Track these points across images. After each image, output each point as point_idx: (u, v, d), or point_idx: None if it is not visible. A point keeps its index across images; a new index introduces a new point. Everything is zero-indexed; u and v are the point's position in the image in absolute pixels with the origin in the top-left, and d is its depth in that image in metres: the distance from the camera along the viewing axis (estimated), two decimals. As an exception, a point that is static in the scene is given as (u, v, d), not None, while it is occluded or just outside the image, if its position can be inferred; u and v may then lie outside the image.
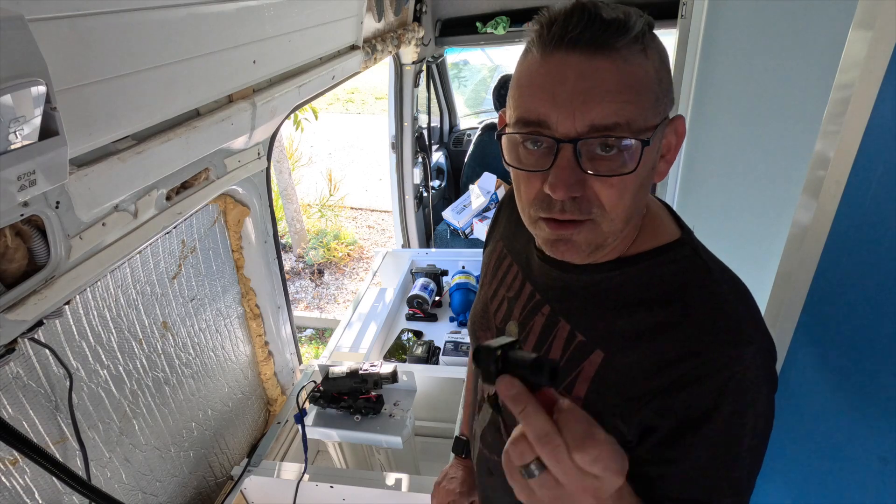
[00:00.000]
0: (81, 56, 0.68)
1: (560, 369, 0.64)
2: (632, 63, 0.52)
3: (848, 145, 0.61)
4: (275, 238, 1.62)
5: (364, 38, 1.72)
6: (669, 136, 0.59)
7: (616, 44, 0.51)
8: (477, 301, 0.87)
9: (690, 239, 0.66)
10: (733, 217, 1.60)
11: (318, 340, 4.29)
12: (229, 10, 0.94)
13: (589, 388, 0.63)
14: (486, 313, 0.82)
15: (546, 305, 0.70)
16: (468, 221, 3.41)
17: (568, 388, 0.64)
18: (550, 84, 0.53)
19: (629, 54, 0.52)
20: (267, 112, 1.19)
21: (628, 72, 0.52)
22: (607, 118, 0.51)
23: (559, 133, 0.53)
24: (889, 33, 0.53)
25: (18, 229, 0.75)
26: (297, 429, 1.68)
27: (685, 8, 1.58)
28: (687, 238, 0.65)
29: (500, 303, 0.79)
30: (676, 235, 0.65)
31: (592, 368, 0.63)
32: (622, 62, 0.51)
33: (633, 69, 0.52)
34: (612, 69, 0.51)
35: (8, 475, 0.88)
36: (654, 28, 0.55)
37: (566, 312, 0.68)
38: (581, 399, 0.63)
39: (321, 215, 5.63)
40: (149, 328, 1.21)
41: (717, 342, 0.57)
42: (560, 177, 0.53)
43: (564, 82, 0.52)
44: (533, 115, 0.54)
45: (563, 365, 0.65)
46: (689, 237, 0.66)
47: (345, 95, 10.00)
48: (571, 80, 0.51)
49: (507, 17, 2.65)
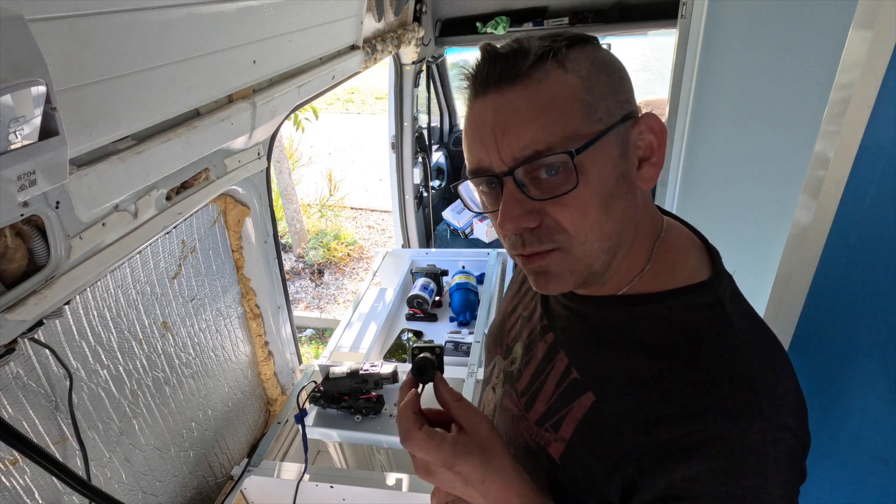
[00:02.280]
0: (81, 56, 0.68)
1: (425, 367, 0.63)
2: (545, 82, 0.52)
3: (848, 145, 0.61)
4: (275, 238, 1.62)
5: (364, 38, 1.72)
6: (645, 136, 0.56)
7: (520, 70, 0.52)
8: (497, 314, 0.86)
9: (717, 284, 0.58)
10: (733, 217, 1.60)
11: (318, 340, 4.29)
12: (229, 10, 0.94)
13: (574, 431, 0.59)
14: (502, 329, 0.80)
15: (550, 333, 0.68)
16: (468, 221, 3.41)
17: (555, 427, 0.61)
18: (478, 128, 0.54)
19: (541, 74, 0.52)
20: (267, 112, 1.19)
21: (541, 91, 0.51)
22: (526, 147, 0.51)
23: (496, 170, 0.54)
24: (889, 33, 0.53)
25: (18, 229, 0.75)
26: (297, 429, 1.68)
27: (685, 8, 1.58)
28: (713, 283, 0.58)
29: (516, 321, 0.77)
30: (700, 277, 0.58)
31: (581, 411, 0.59)
32: (534, 84, 0.51)
33: (546, 87, 0.51)
34: (522, 95, 0.52)
35: (8, 475, 0.88)
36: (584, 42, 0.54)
37: (567, 345, 0.65)
38: (565, 441, 0.59)
39: (321, 215, 5.63)
40: (149, 328, 1.21)
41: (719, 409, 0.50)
42: (506, 211, 0.53)
43: (485, 122, 0.53)
44: (473, 162, 0.56)
45: (556, 400, 0.62)
46: (716, 281, 0.58)
47: (345, 95, 10.01)
48: (490, 117, 0.53)
49: (507, 17, 2.65)
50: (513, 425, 0.67)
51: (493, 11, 2.68)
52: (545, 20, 2.62)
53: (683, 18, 1.59)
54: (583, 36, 0.55)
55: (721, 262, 0.62)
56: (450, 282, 2.28)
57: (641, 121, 0.56)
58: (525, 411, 0.66)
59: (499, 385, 0.76)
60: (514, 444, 0.66)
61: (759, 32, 1.36)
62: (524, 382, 0.68)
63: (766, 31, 1.33)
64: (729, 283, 0.59)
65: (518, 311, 0.78)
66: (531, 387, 0.66)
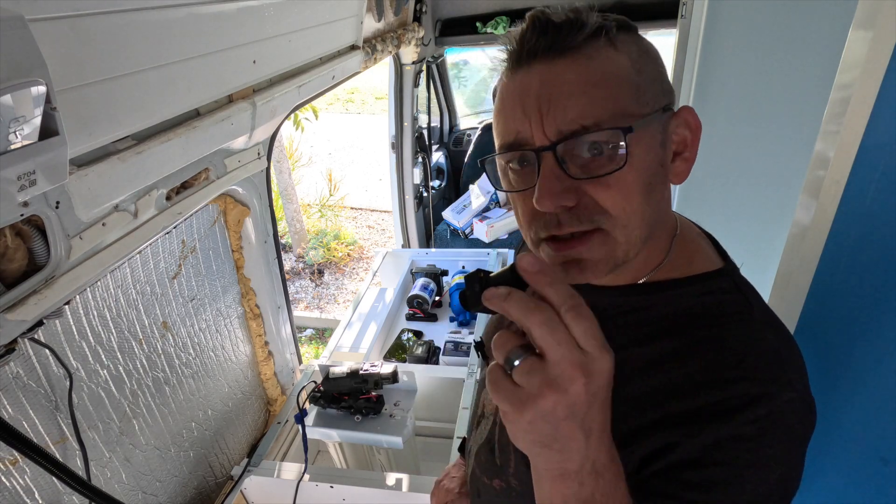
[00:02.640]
0: (81, 56, 0.68)
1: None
2: (596, 58, 0.50)
3: (848, 145, 0.61)
4: (275, 238, 1.62)
5: (364, 38, 1.72)
6: (680, 131, 0.55)
7: (573, 43, 0.50)
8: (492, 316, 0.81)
9: (734, 271, 0.59)
10: (733, 217, 1.60)
11: (318, 340, 4.29)
12: (229, 10, 0.94)
13: None
14: (501, 324, 0.75)
15: None
16: (468, 221, 3.41)
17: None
18: (519, 99, 0.52)
19: (592, 50, 0.50)
20: (267, 112, 1.19)
21: (593, 67, 0.50)
22: (573, 122, 0.49)
23: (535, 144, 0.51)
24: (889, 33, 0.53)
25: (18, 229, 0.75)
26: (297, 429, 1.68)
27: (685, 8, 1.58)
28: (729, 269, 0.59)
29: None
30: (716, 266, 0.59)
31: None
32: (585, 59, 0.50)
33: (598, 64, 0.50)
34: (573, 68, 0.50)
35: (8, 475, 0.88)
36: (628, 28, 0.53)
37: None
38: None
39: (321, 215, 5.63)
40: (149, 328, 1.21)
41: (749, 378, 0.50)
42: (544, 186, 0.50)
43: (529, 93, 0.51)
44: (510, 134, 0.53)
45: None
46: (732, 268, 0.59)
47: (345, 95, 10.01)
48: (535, 88, 0.51)
49: (507, 17, 2.65)
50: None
51: (493, 11, 2.68)
52: (545, 20, 2.62)
53: (683, 18, 1.59)
54: (629, 22, 0.54)
55: (726, 252, 0.63)
56: (450, 282, 2.28)
57: (679, 113, 0.55)
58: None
59: None
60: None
61: (759, 32, 1.36)
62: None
63: (766, 31, 1.33)
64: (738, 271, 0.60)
65: None
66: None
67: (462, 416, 1.55)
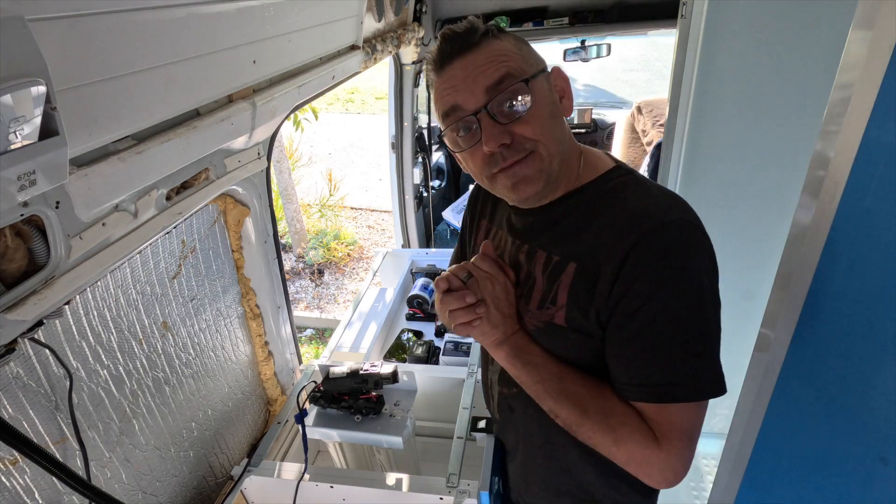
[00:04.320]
0: (81, 56, 0.68)
1: None
2: (491, 45, 0.76)
3: (848, 145, 0.61)
4: (275, 238, 1.62)
5: (364, 38, 1.72)
6: (558, 83, 0.82)
7: (474, 40, 0.76)
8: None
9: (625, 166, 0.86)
10: (733, 217, 1.60)
11: (318, 340, 4.29)
12: (229, 10, 0.94)
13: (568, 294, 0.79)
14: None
15: (525, 245, 0.88)
16: (468, 221, 3.40)
17: (553, 301, 0.81)
18: (450, 84, 0.77)
19: (486, 42, 0.76)
20: (267, 112, 1.19)
21: (491, 48, 0.76)
22: (493, 75, 0.74)
23: (470, 109, 0.75)
24: (889, 33, 0.53)
25: (18, 229, 0.75)
26: (297, 429, 1.68)
27: (685, 8, 1.58)
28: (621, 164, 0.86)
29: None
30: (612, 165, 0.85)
31: (568, 279, 0.79)
32: (486, 47, 0.76)
33: (494, 48, 0.76)
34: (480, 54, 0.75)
35: (8, 475, 0.88)
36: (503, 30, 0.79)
37: (541, 244, 0.85)
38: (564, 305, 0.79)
39: (321, 215, 5.63)
40: (149, 328, 1.21)
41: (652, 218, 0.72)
42: (489, 134, 0.75)
43: (457, 77, 0.76)
44: (447, 105, 0.78)
45: (546, 283, 0.83)
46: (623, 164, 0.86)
47: (345, 95, 10.01)
48: (460, 73, 0.76)
49: (507, 17, 2.65)
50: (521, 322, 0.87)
51: (493, 11, 2.68)
52: (545, 20, 2.62)
53: (683, 18, 1.59)
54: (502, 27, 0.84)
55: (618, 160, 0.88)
56: (450, 282, 2.27)
57: (554, 71, 0.83)
58: (526, 305, 0.86)
59: None
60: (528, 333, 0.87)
61: (759, 32, 1.36)
62: (519, 290, 0.88)
63: (766, 31, 1.33)
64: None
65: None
66: (525, 287, 0.87)
67: (462, 415, 1.55)
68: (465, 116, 0.76)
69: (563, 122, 0.81)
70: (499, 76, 0.74)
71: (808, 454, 0.80)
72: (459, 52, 0.76)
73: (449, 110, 0.77)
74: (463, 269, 0.87)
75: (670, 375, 0.71)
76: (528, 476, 1.06)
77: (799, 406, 0.80)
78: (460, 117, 0.76)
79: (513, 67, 0.75)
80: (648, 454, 0.74)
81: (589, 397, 0.79)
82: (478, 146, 0.77)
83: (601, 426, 0.77)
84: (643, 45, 11.43)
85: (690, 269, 0.70)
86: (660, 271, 0.70)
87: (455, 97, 0.76)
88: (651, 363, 0.72)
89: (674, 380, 0.71)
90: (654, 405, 0.74)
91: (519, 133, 0.75)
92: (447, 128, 0.79)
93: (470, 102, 0.75)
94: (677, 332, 0.70)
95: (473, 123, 0.76)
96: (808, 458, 0.81)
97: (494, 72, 0.74)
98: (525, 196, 0.80)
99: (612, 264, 0.72)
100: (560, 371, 0.82)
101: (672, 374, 0.71)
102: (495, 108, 0.74)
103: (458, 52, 0.76)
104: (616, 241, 0.73)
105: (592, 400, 0.78)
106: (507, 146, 0.75)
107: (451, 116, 0.77)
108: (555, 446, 0.93)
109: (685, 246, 0.71)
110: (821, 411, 0.76)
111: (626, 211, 0.75)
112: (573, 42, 3.29)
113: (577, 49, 3.34)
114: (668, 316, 0.70)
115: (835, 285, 0.70)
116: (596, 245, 0.76)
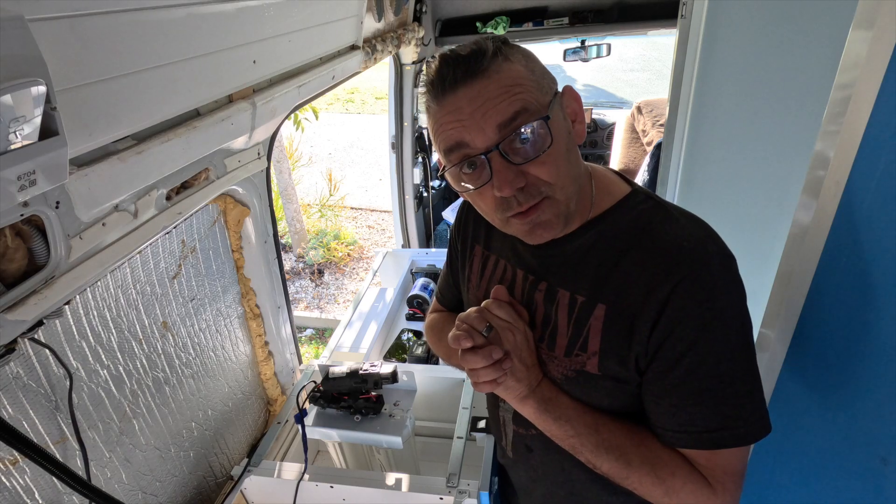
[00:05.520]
0: (81, 56, 0.68)
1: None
2: (501, 71, 0.65)
3: (848, 145, 0.61)
4: (275, 238, 1.62)
5: (364, 38, 1.72)
6: (569, 104, 0.72)
7: (482, 66, 0.64)
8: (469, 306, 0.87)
9: (641, 188, 0.78)
10: (733, 217, 1.60)
11: (318, 340, 4.29)
12: (229, 10, 0.94)
13: (601, 340, 0.71)
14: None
15: (542, 282, 0.79)
16: (468, 221, 3.40)
17: (583, 347, 0.73)
18: (453, 116, 0.66)
19: (496, 67, 0.65)
20: (267, 112, 1.19)
21: (502, 76, 0.64)
22: (507, 110, 0.64)
23: (479, 148, 0.65)
24: (889, 33, 0.53)
25: (18, 229, 0.75)
26: (297, 429, 1.68)
27: (685, 8, 1.58)
28: (638, 188, 0.78)
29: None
30: (628, 190, 0.77)
31: (599, 322, 0.72)
32: (495, 74, 0.64)
33: (505, 75, 0.65)
34: (489, 82, 0.64)
35: (8, 475, 0.88)
36: (509, 43, 0.68)
37: (561, 282, 0.77)
38: (597, 353, 0.72)
39: (321, 215, 5.63)
40: (149, 328, 1.21)
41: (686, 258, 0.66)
42: (502, 178, 0.65)
43: (462, 110, 0.65)
44: (451, 141, 0.67)
45: (573, 328, 0.74)
46: (639, 187, 0.78)
47: (345, 95, 10.01)
48: (466, 106, 0.65)
49: (507, 17, 2.65)
50: (544, 369, 0.79)
51: (493, 11, 2.68)
52: (545, 20, 2.62)
53: (683, 18, 1.59)
54: (505, 39, 0.69)
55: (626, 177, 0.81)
56: (450, 282, 2.28)
57: (565, 93, 0.72)
58: (550, 351, 0.78)
59: None
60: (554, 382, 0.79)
61: (759, 32, 1.36)
62: (538, 332, 0.79)
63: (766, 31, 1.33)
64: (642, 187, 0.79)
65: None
66: (546, 330, 0.78)
67: (462, 415, 1.55)
68: (473, 156, 0.66)
69: (577, 154, 0.72)
70: (513, 111, 0.63)
71: (808, 454, 0.80)
72: (464, 80, 0.64)
73: (454, 146, 0.67)
74: (481, 320, 0.76)
75: (721, 420, 0.66)
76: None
77: (798, 406, 0.80)
78: (467, 156, 0.66)
79: (528, 101, 0.64)
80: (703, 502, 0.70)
81: (631, 447, 0.72)
82: (487, 187, 0.67)
83: (650, 478, 0.71)
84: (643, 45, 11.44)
85: (733, 306, 0.65)
86: (703, 314, 0.64)
87: (462, 134, 0.65)
88: (700, 409, 0.67)
89: (725, 424, 0.66)
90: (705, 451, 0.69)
91: (534, 175, 0.66)
92: (451, 165, 0.69)
93: (479, 140, 0.65)
94: (724, 374, 0.66)
95: (483, 162, 0.66)
96: (807, 458, 0.81)
97: (508, 106, 0.63)
98: (542, 241, 0.73)
99: (651, 308, 0.66)
100: (596, 422, 0.75)
101: (723, 419, 0.66)
102: (508, 147, 0.65)
103: (462, 79, 0.64)
104: (652, 282, 0.67)
105: (635, 449, 0.72)
106: (521, 190, 0.66)
107: (456, 153, 0.67)
108: (576, 483, 0.88)
109: (726, 283, 0.65)
110: (820, 411, 0.76)
111: (657, 247, 0.68)
112: (573, 42, 3.29)
113: (577, 49, 3.34)
114: (714, 359, 0.65)
115: (835, 285, 0.70)
116: (627, 285, 0.69)
